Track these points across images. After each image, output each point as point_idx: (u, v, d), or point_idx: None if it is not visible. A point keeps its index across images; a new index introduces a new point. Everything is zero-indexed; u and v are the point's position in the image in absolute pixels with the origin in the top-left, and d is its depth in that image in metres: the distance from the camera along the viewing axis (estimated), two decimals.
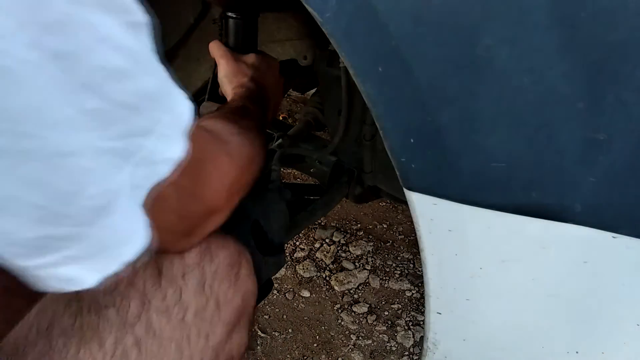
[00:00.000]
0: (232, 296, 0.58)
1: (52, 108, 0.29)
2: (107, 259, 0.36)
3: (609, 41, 0.45)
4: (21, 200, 0.29)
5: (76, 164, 0.31)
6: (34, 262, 0.32)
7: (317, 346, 1.29)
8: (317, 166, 1.01)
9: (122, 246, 0.36)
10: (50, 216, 0.31)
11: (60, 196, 0.30)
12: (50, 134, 0.29)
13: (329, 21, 0.51)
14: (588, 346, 0.60)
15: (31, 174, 0.29)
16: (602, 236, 0.51)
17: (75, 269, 0.34)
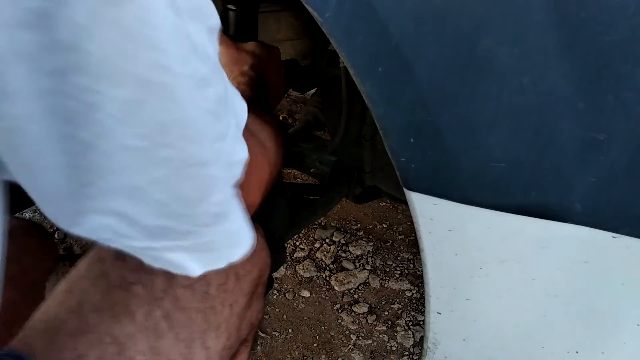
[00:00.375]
0: (250, 269, 0.62)
1: (195, 123, 0.31)
2: (216, 256, 0.38)
3: (609, 41, 0.45)
4: (149, 195, 0.31)
5: (207, 173, 0.33)
6: (148, 244, 0.34)
7: (317, 346, 1.29)
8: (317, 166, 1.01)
9: (233, 248, 0.39)
10: (173, 214, 0.33)
11: (185, 200, 0.33)
12: (190, 146, 0.31)
13: (329, 21, 0.51)
14: (588, 346, 0.60)
15: (163, 177, 0.31)
16: (602, 236, 0.51)
17: (185, 258, 0.36)
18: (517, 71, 0.48)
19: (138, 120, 0.28)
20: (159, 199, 0.31)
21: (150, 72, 0.27)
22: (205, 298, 0.56)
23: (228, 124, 0.37)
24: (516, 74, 0.48)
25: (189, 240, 0.35)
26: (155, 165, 0.30)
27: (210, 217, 0.35)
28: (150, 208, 0.32)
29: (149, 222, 0.32)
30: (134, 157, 0.29)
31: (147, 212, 0.32)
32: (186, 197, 0.32)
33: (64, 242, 1.64)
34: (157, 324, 0.51)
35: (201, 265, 0.37)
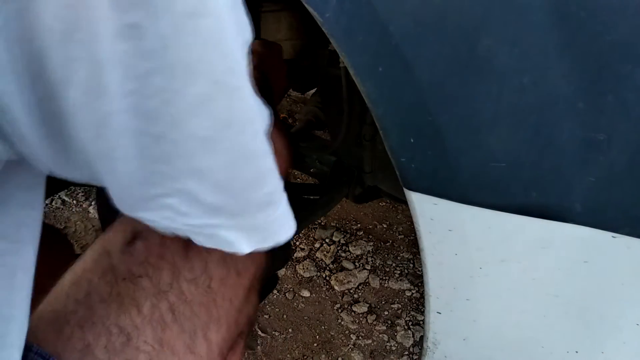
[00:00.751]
0: (249, 265, 0.64)
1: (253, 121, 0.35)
2: (264, 236, 0.42)
3: (609, 41, 0.45)
4: (211, 176, 0.34)
5: (262, 164, 0.37)
6: (206, 221, 0.37)
7: (317, 346, 1.29)
8: (317, 166, 1.01)
9: (279, 231, 0.43)
10: (231, 192, 0.36)
11: (242, 185, 0.37)
12: (249, 140, 0.35)
13: (329, 21, 0.51)
14: (588, 346, 0.60)
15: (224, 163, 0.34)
16: (602, 236, 0.51)
17: (237, 236, 0.40)
18: (517, 71, 0.48)
19: (206, 114, 0.31)
20: (220, 180, 0.35)
21: (221, 75, 0.31)
22: (208, 292, 0.58)
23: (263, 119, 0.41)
24: (516, 74, 0.48)
25: (242, 220, 0.38)
26: (218, 152, 0.33)
27: (261, 205, 0.39)
28: (211, 187, 0.35)
29: (209, 199, 0.36)
30: (200, 144, 0.32)
31: (208, 190, 0.35)
32: (243, 182, 0.36)
33: None
34: (163, 316, 0.53)
35: (250, 243, 0.41)
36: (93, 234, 1.66)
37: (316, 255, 1.55)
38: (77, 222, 1.70)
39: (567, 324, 0.60)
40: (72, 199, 1.77)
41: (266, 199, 0.39)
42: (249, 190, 0.37)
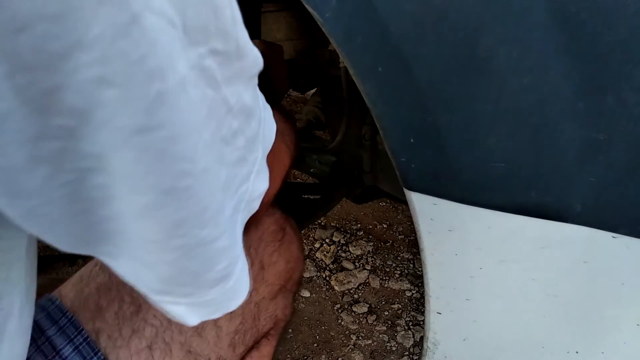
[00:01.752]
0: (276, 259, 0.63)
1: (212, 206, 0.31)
2: (213, 310, 0.39)
3: (609, 41, 0.45)
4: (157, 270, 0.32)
5: (216, 247, 0.33)
6: (152, 296, 0.35)
7: (317, 346, 1.29)
8: (317, 166, 1.02)
9: (230, 301, 0.39)
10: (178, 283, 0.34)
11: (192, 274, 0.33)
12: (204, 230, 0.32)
13: (329, 21, 0.51)
14: (588, 346, 0.60)
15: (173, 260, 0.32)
16: (602, 236, 0.51)
17: (184, 311, 0.37)
18: (517, 71, 0.48)
19: (155, 220, 0.29)
20: (166, 275, 0.33)
21: (173, 182, 0.28)
22: None
23: (255, 160, 0.37)
24: (516, 74, 0.48)
25: (193, 299, 0.36)
26: (167, 252, 0.31)
27: (213, 282, 0.36)
28: (157, 278, 0.33)
29: (155, 286, 0.34)
30: (148, 244, 0.30)
31: (153, 280, 0.33)
32: (193, 272, 0.33)
33: None
34: None
35: (198, 317, 0.38)
36: None
37: (316, 256, 1.55)
38: None
39: (567, 324, 0.60)
40: None
41: (221, 274, 0.36)
42: (199, 276, 0.34)
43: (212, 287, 0.36)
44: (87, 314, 0.51)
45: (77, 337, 0.50)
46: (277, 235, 0.64)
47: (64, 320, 0.50)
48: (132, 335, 0.52)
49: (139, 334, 0.52)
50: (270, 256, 0.63)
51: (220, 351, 0.57)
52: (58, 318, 0.50)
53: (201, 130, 0.28)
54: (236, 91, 0.32)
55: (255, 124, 0.36)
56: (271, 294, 0.63)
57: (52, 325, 0.50)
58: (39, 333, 0.49)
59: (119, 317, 0.52)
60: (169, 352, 0.53)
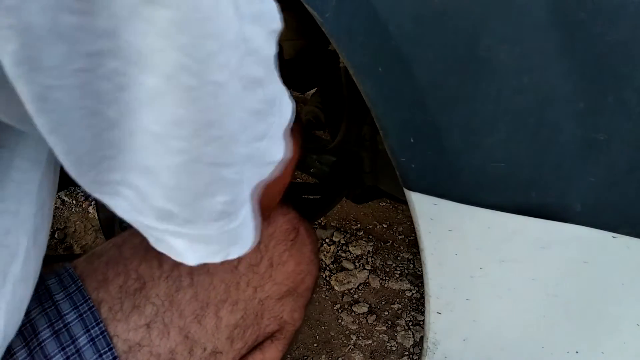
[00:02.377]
0: (286, 259, 0.63)
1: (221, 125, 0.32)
2: (211, 251, 0.38)
3: (609, 41, 0.45)
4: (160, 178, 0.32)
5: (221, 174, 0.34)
6: (154, 224, 0.35)
7: (317, 346, 1.29)
8: (317, 166, 1.01)
9: (230, 246, 0.39)
10: (179, 201, 0.34)
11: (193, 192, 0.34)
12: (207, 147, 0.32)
13: (329, 21, 0.51)
14: (588, 346, 0.60)
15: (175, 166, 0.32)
16: (602, 236, 0.51)
17: (183, 245, 0.37)
18: (517, 71, 0.48)
19: (158, 109, 0.29)
20: (168, 184, 0.32)
21: (174, 71, 0.28)
22: (233, 272, 0.58)
23: (270, 123, 0.37)
24: (516, 74, 0.48)
25: (189, 229, 0.36)
26: (169, 154, 0.31)
27: (215, 214, 0.35)
28: (160, 190, 0.33)
29: (157, 203, 0.33)
30: (151, 140, 0.30)
31: (156, 193, 0.33)
32: (194, 190, 0.33)
33: (64, 242, 1.64)
34: (181, 277, 0.55)
35: (197, 255, 0.38)
36: (93, 234, 1.66)
37: None
38: (77, 222, 1.70)
39: (567, 324, 0.60)
40: (71, 199, 1.77)
41: (221, 208, 0.35)
42: (201, 198, 0.34)
43: (213, 220, 0.36)
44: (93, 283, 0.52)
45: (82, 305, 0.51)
46: (289, 235, 0.64)
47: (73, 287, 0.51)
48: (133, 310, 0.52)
49: (139, 311, 0.52)
50: (281, 255, 0.62)
51: (217, 342, 0.57)
52: (68, 284, 0.51)
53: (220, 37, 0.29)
54: (258, 34, 0.32)
55: (273, 87, 0.36)
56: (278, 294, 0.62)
57: (61, 290, 0.51)
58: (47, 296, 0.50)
59: (122, 291, 0.52)
60: (166, 334, 0.53)
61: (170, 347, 0.54)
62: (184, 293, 0.55)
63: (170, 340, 0.53)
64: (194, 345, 0.55)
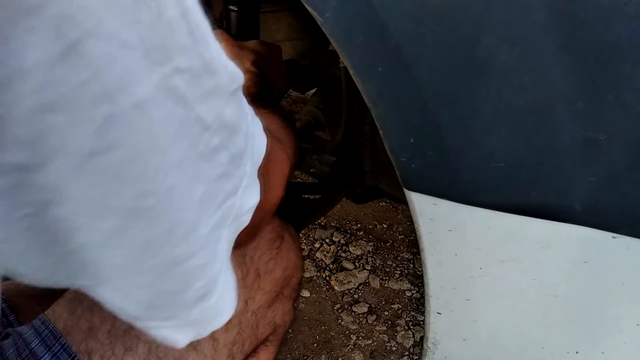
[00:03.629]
0: (272, 267, 0.62)
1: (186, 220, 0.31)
2: (199, 329, 0.38)
3: (609, 41, 0.45)
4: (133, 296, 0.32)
5: (193, 264, 0.33)
6: (136, 322, 0.34)
7: (317, 346, 1.29)
8: (317, 166, 1.01)
9: (215, 319, 0.38)
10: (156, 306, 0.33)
11: (169, 294, 0.33)
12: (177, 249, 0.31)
13: (329, 21, 0.51)
14: (588, 346, 0.60)
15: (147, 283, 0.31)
16: (602, 236, 0.51)
17: (171, 333, 0.36)
18: (517, 71, 0.48)
19: (122, 244, 0.28)
20: (144, 300, 0.32)
21: (134, 203, 0.27)
22: None
23: (242, 175, 0.36)
24: (516, 74, 0.48)
25: (173, 322, 0.35)
26: (141, 275, 0.31)
27: (193, 302, 0.35)
28: (136, 305, 0.32)
29: (134, 313, 0.33)
30: (119, 269, 0.29)
31: (132, 307, 0.33)
32: (169, 292, 0.33)
33: None
34: None
35: (186, 337, 0.37)
36: None
37: (316, 255, 1.55)
38: None
39: (567, 324, 0.60)
40: None
41: (199, 293, 0.35)
42: (179, 296, 0.34)
43: (192, 307, 0.35)
44: (79, 334, 0.50)
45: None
46: (274, 244, 0.64)
47: (57, 347, 0.50)
48: (125, 353, 0.51)
49: (132, 352, 0.51)
50: (267, 264, 0.62)
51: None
52: (52, 344, 0.50)
53: (167, 150, 0.27)
54: (214, 108, 0.31)
55: (241, 140, 0.35)
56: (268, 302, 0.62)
57: (47, 351, 0.49)
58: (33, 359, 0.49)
59: (111, 336, 0.51)
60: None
61: None
62: None
63: None
64: None
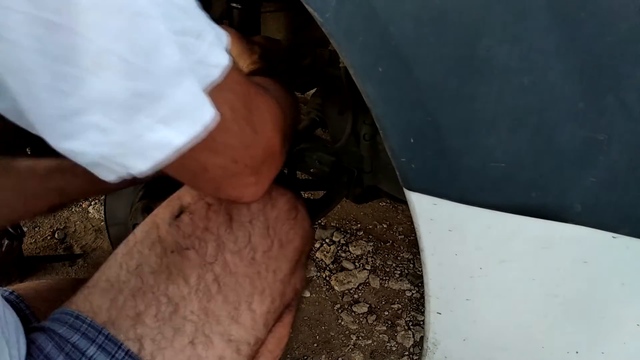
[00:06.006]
0: (292, 237, 0.66)
1: None
2: (189, 119, 0.37)
3: (609, 41, 0.45)
4: (112, 53, 0.32)
5: (154, 26, 0.34)
6: (129, 129, 0.35)
7: (317, 346, 1.29)
8: (317, 166, 1.01)
9: (200, 109, 0.38)
10: (135, 70, 0.34)
11: (141, 51, 0.34)
12: None
13: (329, 21, 0.51)
14: (588, 346, 0.60)
15: (118, 28, 0.32)
16: (602, 236, 0.51)
17: (164, 131, 0.36)
18: (517, 71, 0.48)
19: None
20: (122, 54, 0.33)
21: None
22: (252, 264, 0.60)
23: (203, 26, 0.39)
24: (516, 74, 0.48)
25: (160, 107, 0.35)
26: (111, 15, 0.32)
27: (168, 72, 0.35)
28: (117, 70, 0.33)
29: (121, 95, 0.34)
30: None
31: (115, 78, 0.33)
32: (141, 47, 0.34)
33: (64, 242, 1.64)
34: (208, 287, 0.56)
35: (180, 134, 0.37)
36: (93, 234, 1.66)
37: (316, 256, 1.55)
38: (77, 222, 1.70)
39: (567, 324, 0.60)
40: None
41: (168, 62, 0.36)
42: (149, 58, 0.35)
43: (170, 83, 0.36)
44: (127, 322, 0.52)
45: (117, 352, 0.51)
46: (291, 214, 0.67)
47: (101, 338, 0.51)
48: (175, 334, 0.53)
49: (181, 332, 0.54)
50: (287, 234, 0.65)
51: (257, 333, 0.60)
52: (95, 337, 0.51)
53: None
54: None
55: None
56: (291, 269, 0.65)
57: (91, 344, 0.50)
58: (79, 354, 0.50)
59: (159, 320, 0.53)
60: (211, 344, 0.55)
61: (218, 354, 0.56)
62: (215, 300, 0.56)
63: (216, 349, 0.55)
64: (239, 344, 0.57)
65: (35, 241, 1.62)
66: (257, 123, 0.49)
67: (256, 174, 0.52)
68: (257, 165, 0.51)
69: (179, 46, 0.36)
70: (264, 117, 0.50)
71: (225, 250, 0.58)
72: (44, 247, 1.60)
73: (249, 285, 0.59)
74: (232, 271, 0.58)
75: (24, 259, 1.48)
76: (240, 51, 0.84)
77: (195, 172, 0.45)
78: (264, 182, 0.55)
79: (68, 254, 1.60)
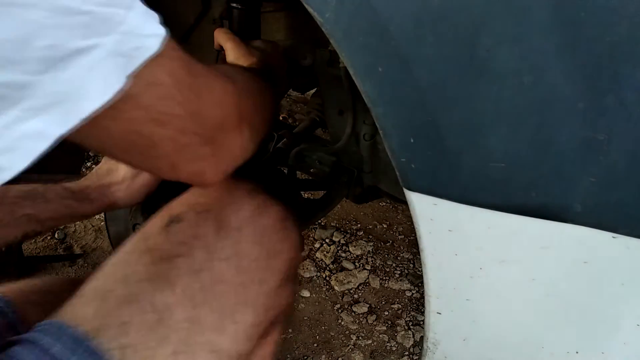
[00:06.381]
0: (281, 247, 0.65)
1: None
2: (65, 112, 0.35)
3: (609, 41, 0.45)
4: None
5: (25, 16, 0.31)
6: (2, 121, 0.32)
7: (317, 346, 1.29)
8: (317, 166, 1.01)
9: (80, 101, 0.35)
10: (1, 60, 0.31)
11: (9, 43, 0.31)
12: None
13: (329, 21, 0.51)
14: (588, 346, 0.60)
15: None
16: (602, 236, 0.51)
17: (39, 122, 0.33)
18: (517, 71, 0.48)
19: None
20: None
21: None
22: (239, 273, 0.59)
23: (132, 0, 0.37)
24: (516, 74, 0.48)
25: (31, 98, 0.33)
26: None
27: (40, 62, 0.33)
28: None
29: None
30: None
31: None
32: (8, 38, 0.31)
33: (64, 242, 1.64)
34: (194, 296, 0.55)
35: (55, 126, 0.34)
36: (93, 234, 1.66)
37: (316, 256, 1.55)
38: (77, 222, 1.70)
39: (567, 324, 0.60)
40: None
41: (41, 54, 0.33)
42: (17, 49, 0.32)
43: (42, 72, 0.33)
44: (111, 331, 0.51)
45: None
46: (282, 223, 0.66)
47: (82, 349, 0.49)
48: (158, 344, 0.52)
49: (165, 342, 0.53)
50: (275, 245, 0.64)
51: (239, 346, 0.59)
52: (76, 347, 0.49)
53: None
54: None
55: None
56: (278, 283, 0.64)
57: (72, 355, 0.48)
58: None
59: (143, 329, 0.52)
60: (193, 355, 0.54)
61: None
62: (201, 310, 0.56)
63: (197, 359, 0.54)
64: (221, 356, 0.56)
65: (35, 241, 1.62)
66: (203, 92, 0.48)
67: (210, 143, 0.51)
68: (207, 132, 0.50)
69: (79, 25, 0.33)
70: (211, 86, 0.49)
71: (213, 257, 0.58)
72: (44, 247, 1.60)
73: (233, 296, 0.59)
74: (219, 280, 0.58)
75: (24, 259, 1.48)
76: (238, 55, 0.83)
77: (144, 150, 0.44)
78: (224, 156, 0.53)
79: (68, 254, 1.60)
